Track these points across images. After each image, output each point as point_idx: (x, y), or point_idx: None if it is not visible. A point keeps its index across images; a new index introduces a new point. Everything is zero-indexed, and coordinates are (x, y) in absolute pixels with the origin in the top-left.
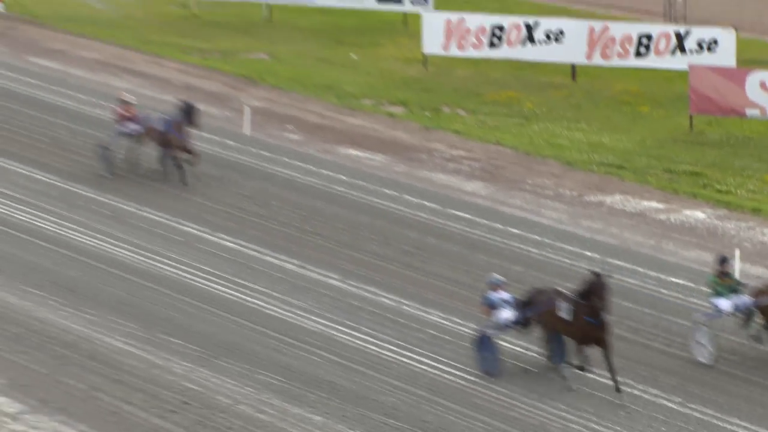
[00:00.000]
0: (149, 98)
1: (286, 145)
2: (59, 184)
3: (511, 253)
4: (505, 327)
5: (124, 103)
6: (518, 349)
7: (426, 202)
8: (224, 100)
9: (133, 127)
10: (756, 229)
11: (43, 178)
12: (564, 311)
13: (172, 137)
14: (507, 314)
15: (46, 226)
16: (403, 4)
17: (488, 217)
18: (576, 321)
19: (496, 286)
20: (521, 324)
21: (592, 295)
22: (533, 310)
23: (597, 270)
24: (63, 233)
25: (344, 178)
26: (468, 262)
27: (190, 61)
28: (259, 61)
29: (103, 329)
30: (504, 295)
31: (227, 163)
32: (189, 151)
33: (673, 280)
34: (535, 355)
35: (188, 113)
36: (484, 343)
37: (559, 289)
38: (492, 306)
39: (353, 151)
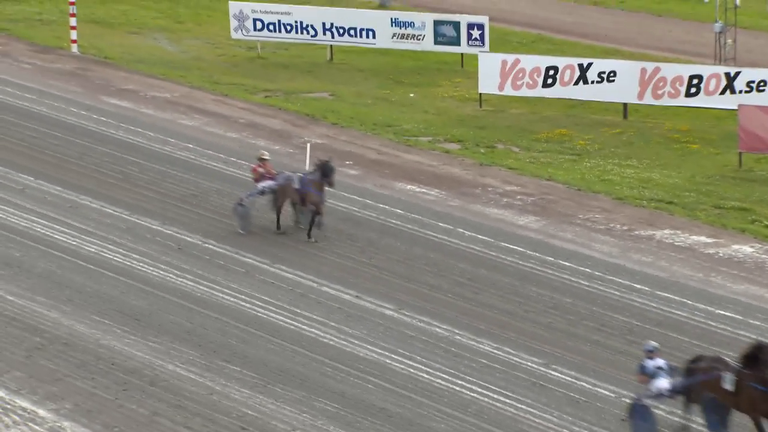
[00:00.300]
0: (216, 135)
1: (345, 179)
2: (127, 217)
3: (562, 284)
4: (661, 396)
5: (262, 160)
6: (567, 378)
7: (479, 236)
8: (287, 137)
9: (270, 184)
10: None
11: (113, 212)
12: (727, 381)
13: (309, 194)
14: (663, 383)
15: (114, 258)
16: (461, 45)
17: (540, 250)
18: (740, 390)
19: (651, 353)
20: (679, 393)
21: (760, 362)
22: (692, 379)
23: (762, 339)
24: (130, 264)
25: (400, 211)
26: (519, 294)
27: (255, 100)
28: (320, 99)
29: (165, 356)
30: (659, 362)
31: None
32: (318, 208)
33: (722, 312)
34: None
35: (325, 172)
36: (639, 413)
37: (722, 357)
38: (649, 375)
39: (409, 186)
